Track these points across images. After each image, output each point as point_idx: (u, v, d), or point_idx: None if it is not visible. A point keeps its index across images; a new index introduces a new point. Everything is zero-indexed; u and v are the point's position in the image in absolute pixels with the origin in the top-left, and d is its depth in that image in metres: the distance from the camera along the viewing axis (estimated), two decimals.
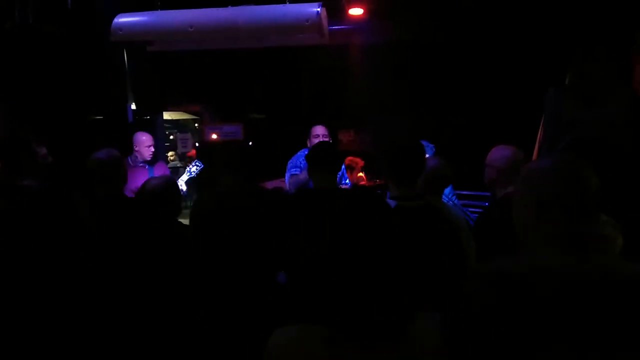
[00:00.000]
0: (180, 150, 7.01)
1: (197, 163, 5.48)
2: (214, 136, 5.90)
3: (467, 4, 4.59)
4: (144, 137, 3.96)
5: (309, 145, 3.80)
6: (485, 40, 4.92)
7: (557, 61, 4.36)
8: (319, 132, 3.75)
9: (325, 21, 3.68)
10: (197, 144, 7.87)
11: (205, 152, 6.17)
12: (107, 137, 5.01)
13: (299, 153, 3.88)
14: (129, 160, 3.93)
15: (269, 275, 2.37)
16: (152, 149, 3.97)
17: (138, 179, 3.38)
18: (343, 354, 1.06)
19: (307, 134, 3.87)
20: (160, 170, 4.01)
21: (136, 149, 3.98)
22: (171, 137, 10.10)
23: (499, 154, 2.36)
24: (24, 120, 4.32)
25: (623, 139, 3.17)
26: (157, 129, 6.39)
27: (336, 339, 1.06)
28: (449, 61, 5.31)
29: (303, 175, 3.65)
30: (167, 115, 8.15)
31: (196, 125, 10.47)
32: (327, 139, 3.69)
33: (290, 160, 3.90)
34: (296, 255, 2.15)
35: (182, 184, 4.01)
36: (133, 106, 5.48)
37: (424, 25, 4.87)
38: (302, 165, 3.76)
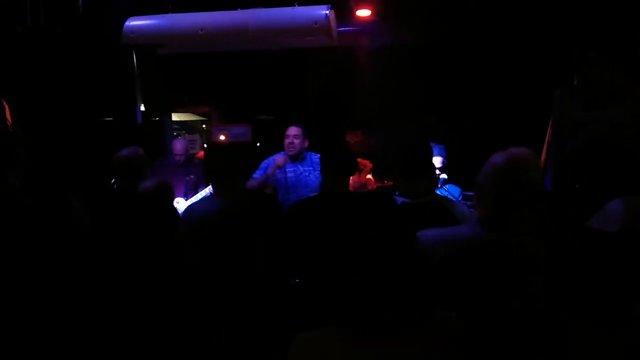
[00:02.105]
0: (189, 151, 7.04)
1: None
2: (222, 137, 5.92)
3: (476, 6, 4.60)
4: (177, 146, 4.72)
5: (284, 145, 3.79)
6: (494, 42, 4.92)
7: (566, 63, 4.37)
8: (290, 132, 3.74)
9: (334, 23, 3.71)
10: (205, 145, 7.90)
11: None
12: (117, 138, 5.07)
13: (274, 155, 3.85)
14: (172, 159, 4.67)
15: (274, 280, 2.34)
16: (177, 158, 4.63)
17: (171, 177, 3.65)
18: (363, 351, 1.09)
19: (315, 135, 3.88)
20: (193, 171, 4.65)
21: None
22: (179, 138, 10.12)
23: None
24: (35, 122, 4.37)
25: (630, 139, 3.18)
26: (165, 130, 6.43)
27: (356, 338, 1.09)
28: (458, 63, 5.31)
29: (256, 182, 3.62)
30: (175, 117, 8.17)
31: (204, 126, 10.49)
32: (298, 140, 3.70)
33: (263, 162, 3.86)
34: (307, 260, 2.15)
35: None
36: (142, 108, 5.52)
37: (432, 27, 4.87)
38: (268, 167, 3.75)
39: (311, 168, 3.76)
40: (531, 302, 1.41)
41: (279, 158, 3.72)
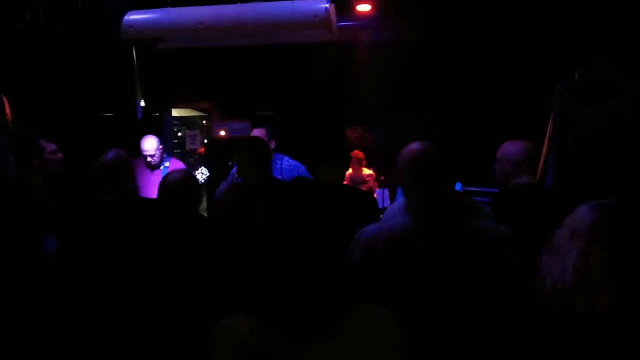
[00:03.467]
0: (188, 147, 7.05)
1: (202, 171, 5.54)
2: (222, 133, 5.91)
3: (476, 1, 4.59)
4: (145, 144, 3.90)
5: None
6: (494, 36, 4.90)
7: (567, 58, 4.36)
8: (254, 135, 3.68)
9: (334, 17, 3.69)
10: (205, 141, 7.89)
11: (215, 148, 6.19)
12: (117, 134, 5.07)
13: None
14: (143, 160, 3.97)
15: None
16: (149, 159, 3.87)
17: (149, 177, 3.49)
18: (274, 344, 1.07)
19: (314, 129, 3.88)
20: (173, 167, 4.04)
21: None
22: (179, 134, 10.14)
23: (513, 147, 2.42)
24: (34, 118, 4.38)
25: (629, 134, 3.17)
26: (165, 126, 6.42)
27: (268, 329, 1.08)
28: (458, 58, 5.30)
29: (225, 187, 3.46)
30: (175, 112, 8.17)
31: (204, 122, 10.49)
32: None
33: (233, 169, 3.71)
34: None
35: None
36: (142, 103, 5.51)
37: (433, 22, 4.86)
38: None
39: (280, 177, 3.60)
40: (480, 280, 1.56)
41: None
